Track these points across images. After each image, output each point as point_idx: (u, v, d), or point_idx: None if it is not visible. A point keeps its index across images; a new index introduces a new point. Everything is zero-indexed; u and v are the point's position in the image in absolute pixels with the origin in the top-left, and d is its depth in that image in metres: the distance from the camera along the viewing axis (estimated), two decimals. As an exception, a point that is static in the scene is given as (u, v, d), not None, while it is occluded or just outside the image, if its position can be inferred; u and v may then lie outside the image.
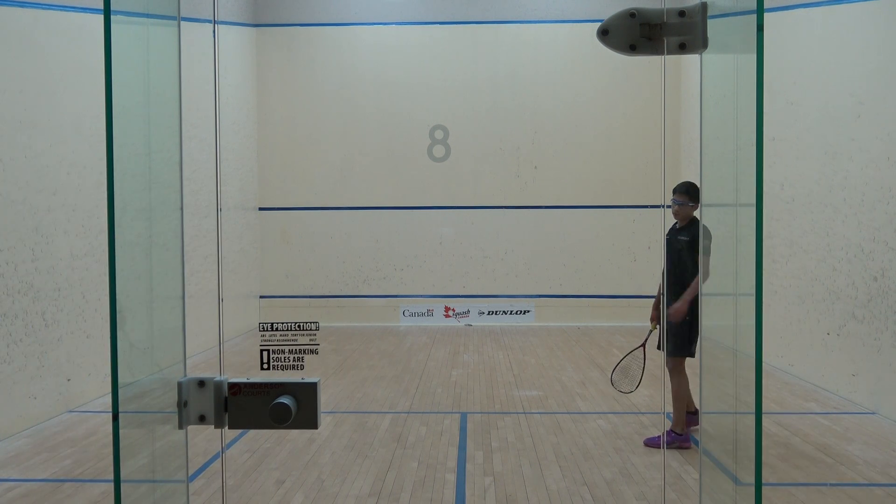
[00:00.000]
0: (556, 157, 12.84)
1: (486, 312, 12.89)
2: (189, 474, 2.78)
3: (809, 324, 8.24)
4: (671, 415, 6.24)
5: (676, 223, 6.17)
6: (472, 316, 12.89)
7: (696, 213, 6.09)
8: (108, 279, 1.50)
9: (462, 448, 6.00)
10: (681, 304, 5.83)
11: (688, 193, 6.04)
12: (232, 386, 1.63)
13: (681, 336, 5.91)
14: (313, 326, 1.71)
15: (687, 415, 5.99)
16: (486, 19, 12.86)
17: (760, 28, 1.44)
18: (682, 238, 6.04)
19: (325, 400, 7.55)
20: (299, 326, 1.71)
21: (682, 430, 5.93)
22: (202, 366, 8.74)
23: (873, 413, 6.94)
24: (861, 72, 7.42)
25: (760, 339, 1.51)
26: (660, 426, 6.47)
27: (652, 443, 6.02)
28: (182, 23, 1.64)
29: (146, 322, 1.71)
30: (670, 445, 5.92)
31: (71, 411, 7.19)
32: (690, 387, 6.09)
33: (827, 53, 8.04)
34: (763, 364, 1.51)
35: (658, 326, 6.28)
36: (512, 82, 12.83)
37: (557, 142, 12.83)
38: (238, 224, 12.04)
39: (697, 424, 5.89)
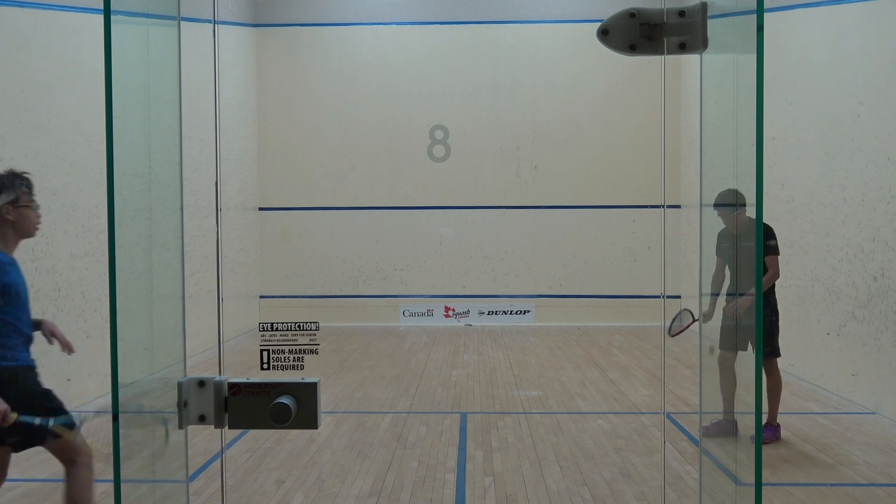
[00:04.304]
0: (556, 157, 12.83)
1: (486, 312, 12.89)
2: (189, 474, 2.78)
3: (809, 324, 8.24)
4: (671, 415, 6.23)
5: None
6: (472, 316, 12.89)
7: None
8: (108, 279, 1.50)
9: (462, 448, 6.00)
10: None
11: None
12: (232, 386, 1.62)
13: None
14: (313, 326, 1.71)
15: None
16: (486, 19, 12.86)
17: (760, 28, 1.44)
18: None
19: (325, 400, 7.55)
20: (299, 326, 1.71)
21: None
22: (202, 366, 8.74)
23: (873, 413, 6.93)
24: (861, 72, 7.42)
25: (761, 339, 1.51)
26: (659, 426, 6.47)
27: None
28: (182, 23, 1.64)
29: (146, 322, 1.70)
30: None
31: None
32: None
33: (827, 53, 8.04)
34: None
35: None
36: (512, 82, 12.83)
37: (557, 142, 12.83)
38: (238, 224, 12.04)
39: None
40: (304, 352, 1.70)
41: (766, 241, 5.95)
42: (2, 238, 3.64)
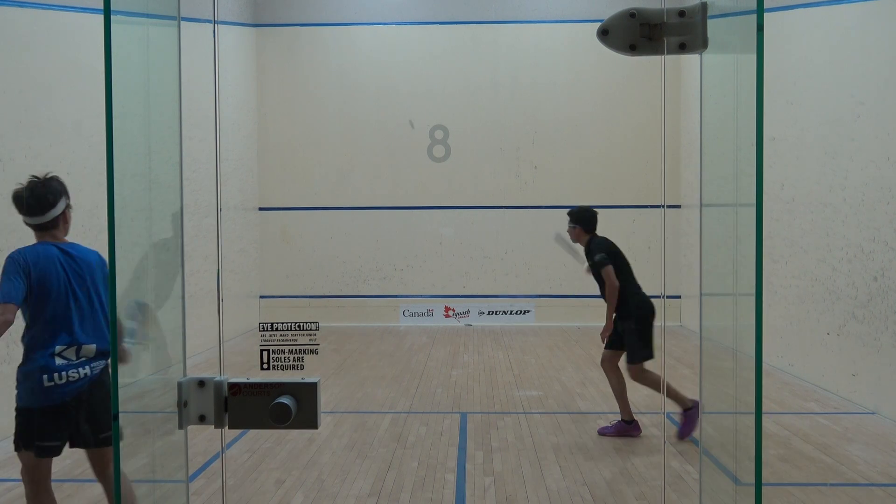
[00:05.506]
0: (556, 157, 12.83)
1: (486, 312, 12.89)
2: (189, 474, 2.78)
3: (809, 324, 8.24)
4: (671, 415, 6.25)
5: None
6: (472, 316, 12.88)
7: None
8: (108, 279, 1.50)
9: (462, 448, 6.00)
10: (607, 323, 6.05)
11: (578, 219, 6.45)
12: (232, 386, 1.63)
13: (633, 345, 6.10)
14: (313, 326, 1.71)
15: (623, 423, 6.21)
16: (486, 19, 12.86)
17: (760, 28, 1.44)
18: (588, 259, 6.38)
19: (325, 400, 7.55)
20: (299, 326, 1.70)
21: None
22: (202, 366, 8.74)
23: (873, 413, 6.93)
24: (861, 72, 7.42)
25: (760, 339, 1.51)
26: (659, 426, 6.47)
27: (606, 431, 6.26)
28: (182, 23, 1.64)
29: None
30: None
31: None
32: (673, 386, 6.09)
33: (827, 53, 8.04)
34: (763, 364, 1.51)
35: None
36: (512, 82, 12.83)
37: (557, 142, 12.82)
38: (238, 224, 12.04)
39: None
40: (304, 352, 1.70)
41: (597, 254, 6.13)
42: (62, 236, 3.86)
